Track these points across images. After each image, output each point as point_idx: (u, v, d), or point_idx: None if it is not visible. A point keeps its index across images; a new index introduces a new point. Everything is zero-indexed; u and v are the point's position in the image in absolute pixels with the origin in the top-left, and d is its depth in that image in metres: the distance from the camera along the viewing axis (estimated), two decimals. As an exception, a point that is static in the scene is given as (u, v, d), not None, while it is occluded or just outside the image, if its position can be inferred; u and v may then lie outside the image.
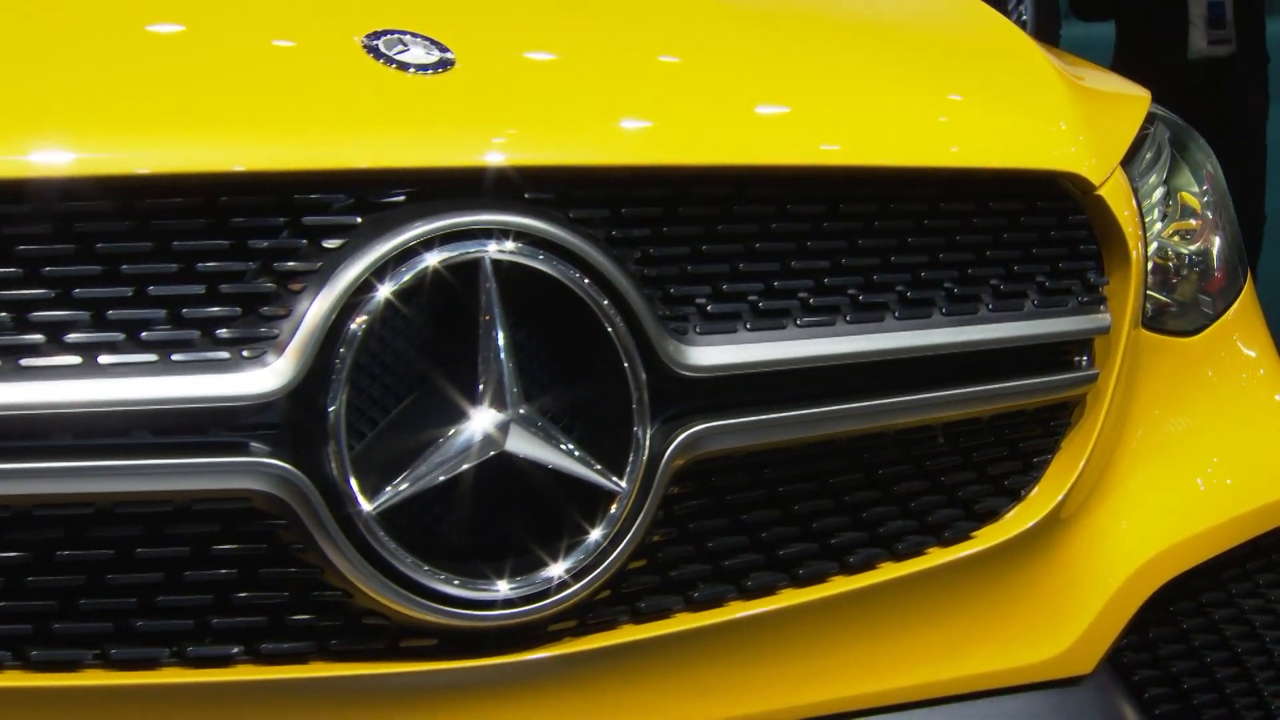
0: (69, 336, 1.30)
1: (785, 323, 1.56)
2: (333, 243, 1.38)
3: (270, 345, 1.35)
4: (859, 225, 1.61)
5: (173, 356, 1.32)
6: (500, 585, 1.40)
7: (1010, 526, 1.70)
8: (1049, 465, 1.73)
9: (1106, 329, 1.75)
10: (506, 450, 1.40)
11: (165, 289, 1.33)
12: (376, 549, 1.36)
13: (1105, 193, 1.75)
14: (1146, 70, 5.52)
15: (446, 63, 1.49)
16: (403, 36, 1.50)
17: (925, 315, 1.63)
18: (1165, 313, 1.95)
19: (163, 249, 1.33)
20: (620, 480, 1.44)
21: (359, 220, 1.38)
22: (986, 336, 1.67)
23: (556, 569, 1.42)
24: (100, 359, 1.30)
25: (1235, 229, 2.12)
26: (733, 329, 1.53)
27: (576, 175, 1.47)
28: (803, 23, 1.87)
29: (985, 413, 1.69)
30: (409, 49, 1.48)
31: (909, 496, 1.65)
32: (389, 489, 1.37)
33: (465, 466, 1.39)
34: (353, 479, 1.35)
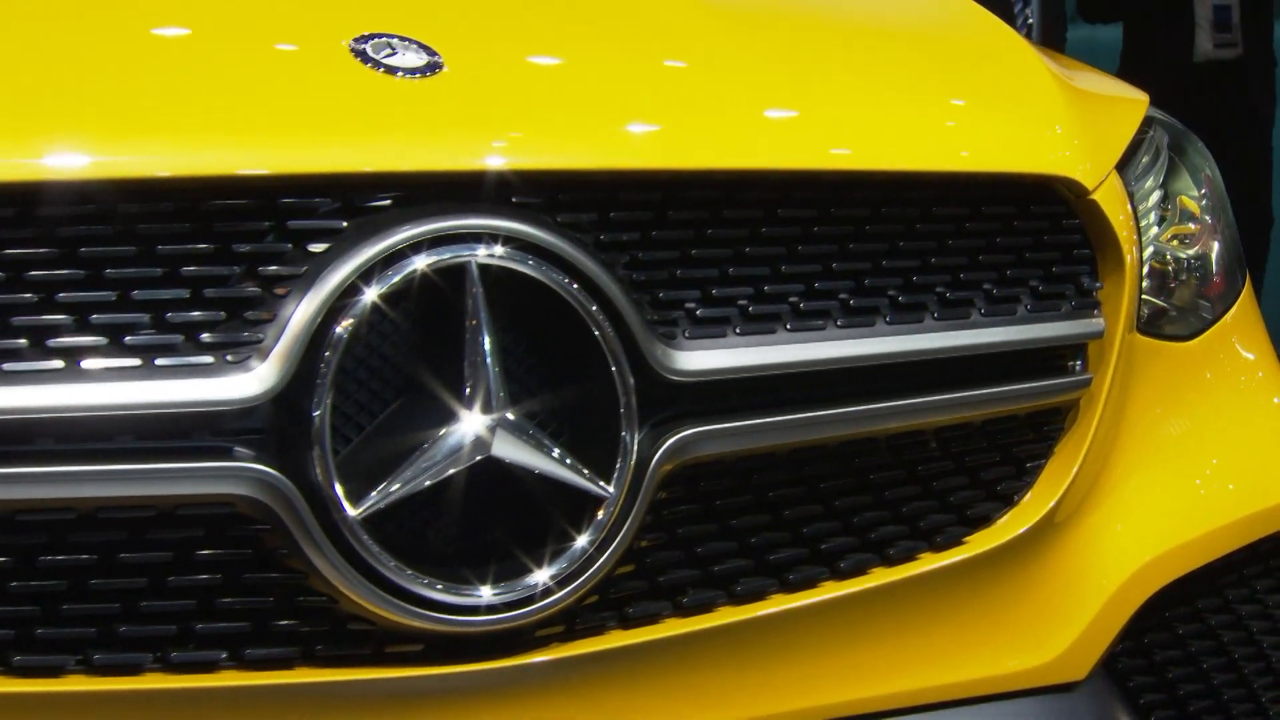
0: (52, 341, 1.29)
1: (775, 327, 1.55)
2: (318, 247, 1.37)
3: (255, 350, 1.34)
4: (850, 229, 1.61)
5: (156, 361, 1.32)
6: (484, 591, 1.39)
7: (1003, 532, 1.69)
8: (1042, 470, 1.73)
9: (1100, 333, 1.74)
10: (493, 455, 1.39)
11: (149, 293, 1.32)
12: (361, 554, 1.35)
13: (1099, 197, 1.74)
14: (1152, 73, 5.54)
15: (435, 66, 1.48)
16: (391, 40, 1.49)
17: (917, 320, 1.63)
18: (1163, 317, 1.94)
19: (147, 253, 1.33)
20: (608, 485, 1.44)
21: (344, 225, 1.38)
22: (979, 341, 1.66)
23: (542, 575, 1.41)
24: (83, 363, 1.30)
25: (1234, 233, 2.11)
26: (722, 333, 1.52)
27: (564, 179, 1.46)
28: (792, 25, 1.86)
29: (978, 417, 1.68)
30: (397, 53, 1.48)
31: (901, 501, 1.64)
32: (374, 494, 1.36)
33: (451, 471, 1.38)
34: (337, 484, 1.35)
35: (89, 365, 1.30)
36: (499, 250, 1.40)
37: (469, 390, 1.39)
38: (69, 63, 1.42)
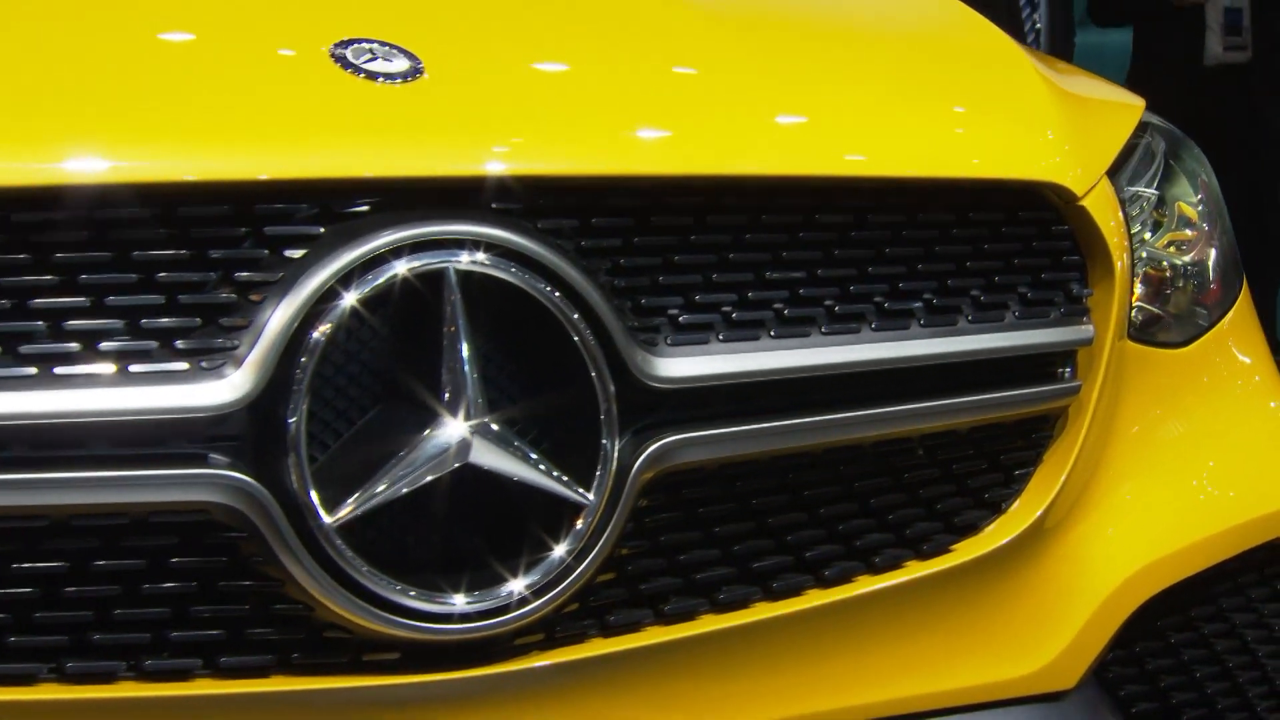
0: (25, 347, 1.29)
1: (759, 334, 1.54)
2: (296, 253, 1.36)
3: (230, 356, 1.34)
4: (835, 235, 1.60)
5: (131, 368, 1.31)
6: (458, 599, 1.38)
7: (990, 540, 1.68)
8: (1030, 478, 1.72)
9: (1089, 340, 1.73)
10: (471, 462, 1.39)
11: (124, 299, 1.32)
12: (337, 562, 1.35)
13: (1089, 203, 1.73)
14: (1163, 76, 5.53)
15: (416, 72, 1.47)
16: (372, 45, 1.48)
17: (903, 326, 1.62)
18: (1157, 324, 1.92)
19: (122, 259, 1.32)
20: (588, 493, 1.43)
21: (321, 230, 1.37)
22: (966, 348, 1.65)
23: (518, 583, 1.40)
24: (57, 370, 1.29)
25: (1231, 239, 2.10)
26: (705, 340, 1.51)
27: (545, 185, 1.45)
28: (777, 27, 1.85)
29: (965, 424, 1.67)
30: (378, 58, 1.47)
31: (887, 509, 1.63)
32: (350, 501, 1.35)
33: (429, 479, 1.38)
34: (313, 491, 1.34)
35: (63, 371, 1.29)
36: (478, 257, 1.40)
37: (447, 397, 1.38)
38: (41, 67, 1.41)
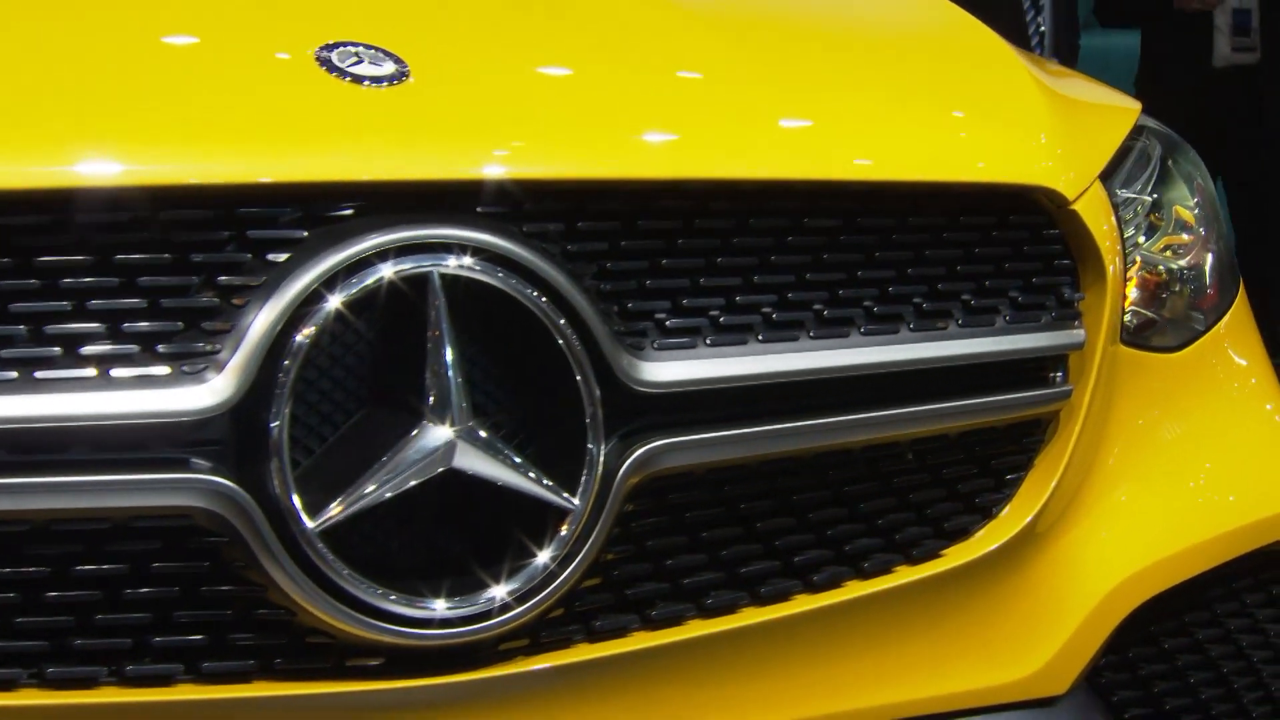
0: (4, 351, 1.28)
1: (747, 338, 1.53)
2: (279, 257, 1.36)
3: (212, 360, 1.33)
4: (824, 239, 1.59)
5: (112, 372, 1.31)
6: (439, 604, 1.38)
7: (980, 545, 1.67)
8: (1022, 483, 1.71)
9: (1081, 344, 1.72)
10: (455, 467, 1.38)
11: (105, 303, 1.31)
12: (320, 567, 1.34)
13: (1080, 207, 1.72)
14: (1171, 78, 5.52)
15: (401, 75, 1.47)
16: (358, 49, 1.48)
17: (893, 331, 1.61)
18: (1151, 328, 1.91)
19: (103, 262, 1.32)
20: (573, 498, 1.42)
21: (305, 234, 1.37)
22: (956, 352, 1.64)
23: (501, 588, 1.40)
24: (37, 374, 1.29)
25: (1228, 243, 2.09)
26: (692, 344, 1.51)
27: (530, 189, 1.45)
28: (770, 31, 1.85)
29: (956, 429, 1.66)
30: (364, 61, 1.47)
31: (876, 514, 1.63)
32: (333, 506, 1.35)
33: (412, 483, 1.37)
34: (295, 496, 1.34)
35: (44, 375, 1.29)
36: (463, 261, 1.39)
37: (431, 401, 1.38)
38: (20, 71, 1.41)
